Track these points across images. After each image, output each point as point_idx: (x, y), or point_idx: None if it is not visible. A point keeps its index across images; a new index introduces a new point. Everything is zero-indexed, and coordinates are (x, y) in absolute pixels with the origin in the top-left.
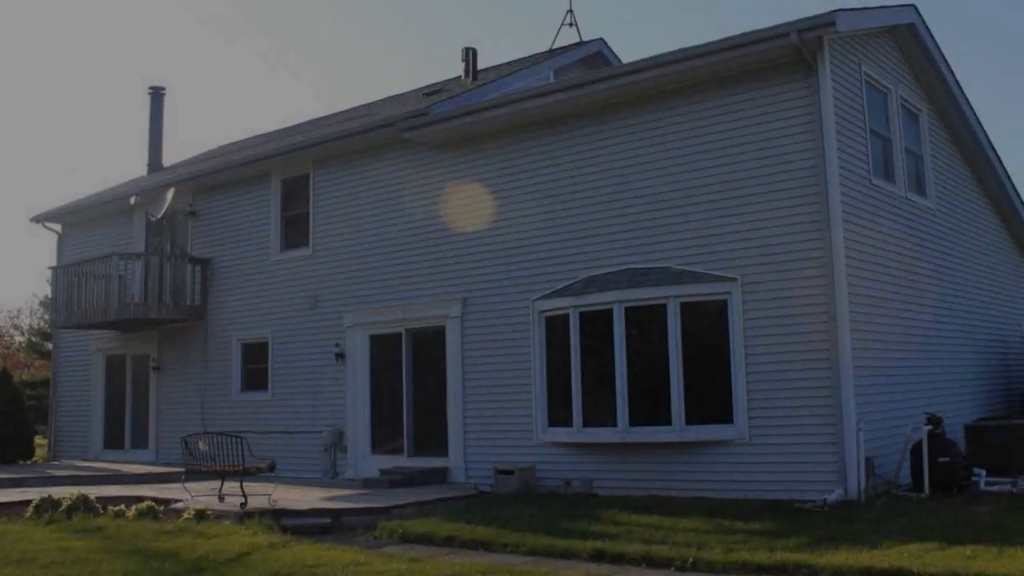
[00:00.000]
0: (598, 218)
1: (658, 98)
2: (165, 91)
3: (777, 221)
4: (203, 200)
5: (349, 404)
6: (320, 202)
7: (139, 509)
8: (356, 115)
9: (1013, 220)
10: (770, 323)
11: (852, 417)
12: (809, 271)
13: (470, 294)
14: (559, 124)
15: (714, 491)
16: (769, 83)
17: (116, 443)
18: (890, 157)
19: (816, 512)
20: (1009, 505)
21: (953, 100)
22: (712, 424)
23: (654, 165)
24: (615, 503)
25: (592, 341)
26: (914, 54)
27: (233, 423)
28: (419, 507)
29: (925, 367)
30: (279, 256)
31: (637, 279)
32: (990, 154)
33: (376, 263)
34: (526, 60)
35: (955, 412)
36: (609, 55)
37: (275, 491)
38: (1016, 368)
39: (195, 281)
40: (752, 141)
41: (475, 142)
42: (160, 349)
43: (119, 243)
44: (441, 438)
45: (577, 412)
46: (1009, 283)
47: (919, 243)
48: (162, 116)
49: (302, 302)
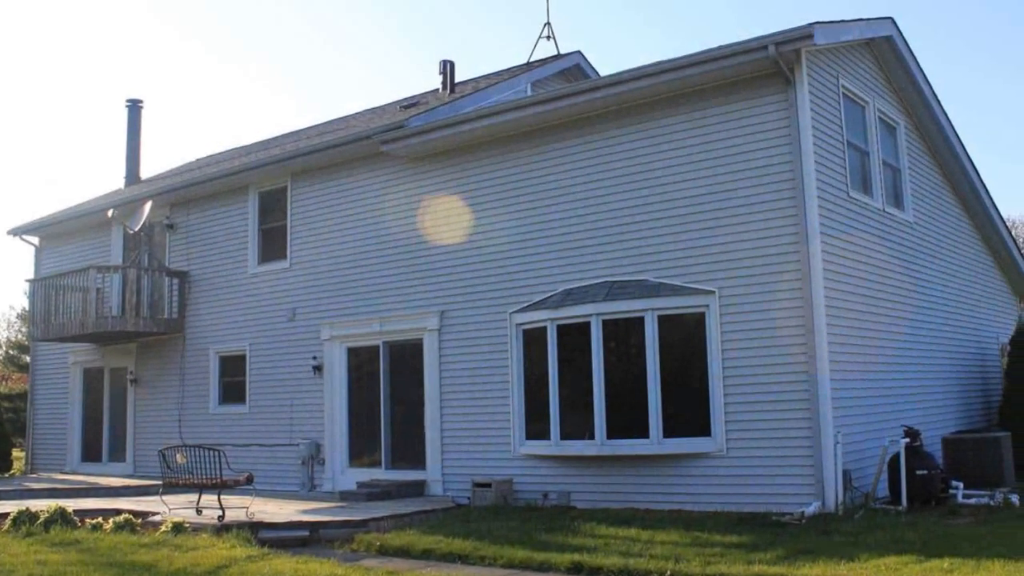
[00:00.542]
0: (576, 231)
1: (636, 111)
2: (143, 104)
3: (755, 234)
4: (181, 213)
5: (327, 417)
6: (297, 215)
7: (117, 522)
8: (334, 128)
9: (990, 232)
10: (748, 336)
11: (830, 430)
12: (786, 284)
13: (448, 307)
14: (537, 137)
15: (692, 504)
16: (747, 96)
17: (94, 456)
18: (867, 170)
19: (794, 525)
20: (987, 518)
21: (930, 113)
22: (690, 437)
23: (632, 178)
24: (593, 516)
25: (570, 354)
26: (892, 67)
27: (211, 436)
28: (397, 520)
29: (903, 380)
30: (257, 269)
31: (615, 292)
32: (967, 166)
33: (354, 276)
34: (504, 73)
35: (933, 425)
36: (587, 68)
37: (253, 504)
38: (994, 381)
39: (173, 294)
40: (730, 154)
41: (453, 155)
42: (138, 362)
43: (97, 256)
44: (419, 451)
45: (555, 425)
46: (987, 295)
47: (897, 256)
48: (140, 129)
49: (280, 315)
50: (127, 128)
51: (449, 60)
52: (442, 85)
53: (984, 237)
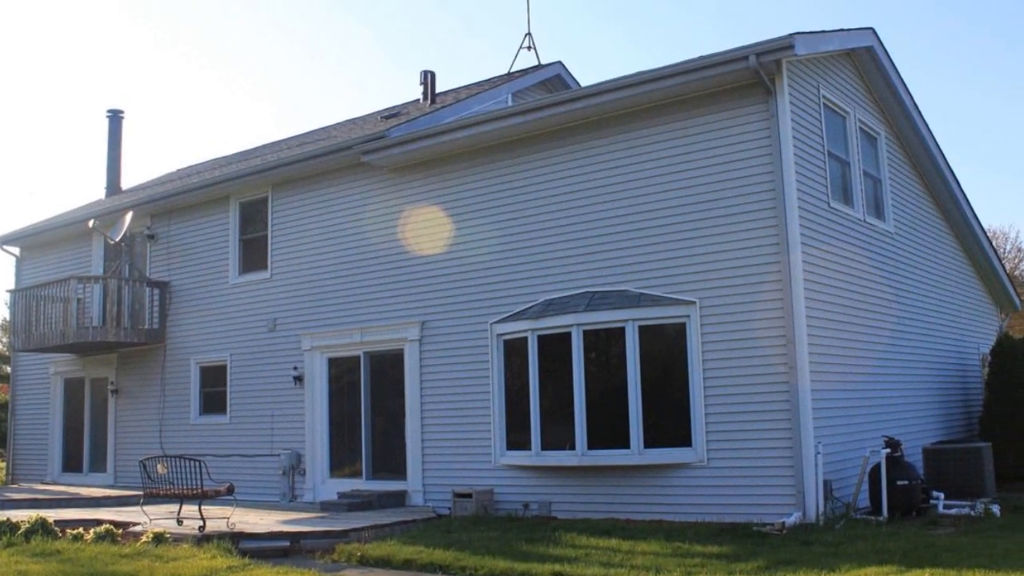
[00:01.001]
0: (556, 241)
1: (616, 121)
2: (124, 115)
3: (735, 244)
4: (161, 223)
5: (307, 427)
6: (278, 225)
7: (97, 532)
8: (314, 138)
9: (971, 243)
10: (728, 346)
11: (810, 440)
12: (767, 294)
13: (428, 317)
14: (517, 147)
15: (673, 514)
16: (727, 106)
17: (75, 466)
18: (848, 180)
19: (774, 535)
20: (967, 528)
21: (911, 123)
22: (671, 447)
23: (612, 188)
24: (574, 526)
25: (551, 364)
26: (873, 77)
27: (192, 446)
28: (377, 530)
29: (884, 390)
30: (237, 279)
31: (595, 302)
32: (948, 177)
33: (334, 286)
34: (484, 83)
35: (914, 435)
36: (568, 78)
37: (233, 514)
38: (975, 391)
39: (153, 304)
40: (710, 164)
41: (433, 165)
42: (118, 372)
43: (78, 266)
44: (400, 461)
45: (536, 435)
46: (967, 306)
47: (877, 266)
48: (121, 140)
49: (261, 325)
50: (108, 138)
51: (430, 70)
52: (423, 95)
53: (965, 247)
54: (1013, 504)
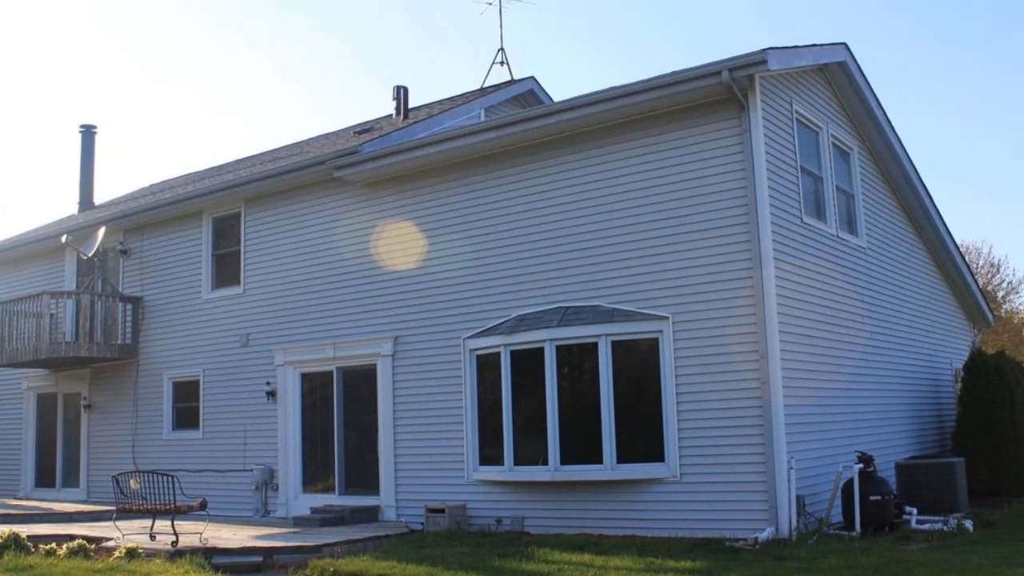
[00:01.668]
0: (529, 256)
1: (589, 137)
2: (96, 130)
3: (708, 259)
4: (134, 238)
5: (280, 442)
6: (251, 240)
7: (71, 547)
8: (287, 154)
9: (944, 258)
10: (701, 361)
11: (783, 455)
12: (740, 309)
13: (401, 332)
14: (490, 162)
15: (646, 529)
16: (700, 121)
17: (48, 481)
18: (821, 195)
19: (747, 550)
20: (940, 544)
21: (884, 138)
22: (643, 462)
23: (585, 203)
24: (547, 541)
25: (523, 379)
26: (845, 92)
27: (165, 461)
28: (350, 545)
29: (856, 405)
30: (210, 294)
31: (568, 317)
32: (921, 192)
33: (307, 301)
34: (457, 98)
35: (886, 450)
36: (540, 93)
37: (206, 529)
38: (947, 406)
39: (126, 320)
40: (683, 179)
41: (406, 181)
42: (91, 387)
43: (50, 281)
44: (372, 476)
45: (508, 450)
46: (941, 321)
47: (850, 281)
48: (93, 154)
49: (233, 340)
50: (80, 153)
51: (403, 86)
52: (396, 111)
53: (938, 262)
54: (986, 519)
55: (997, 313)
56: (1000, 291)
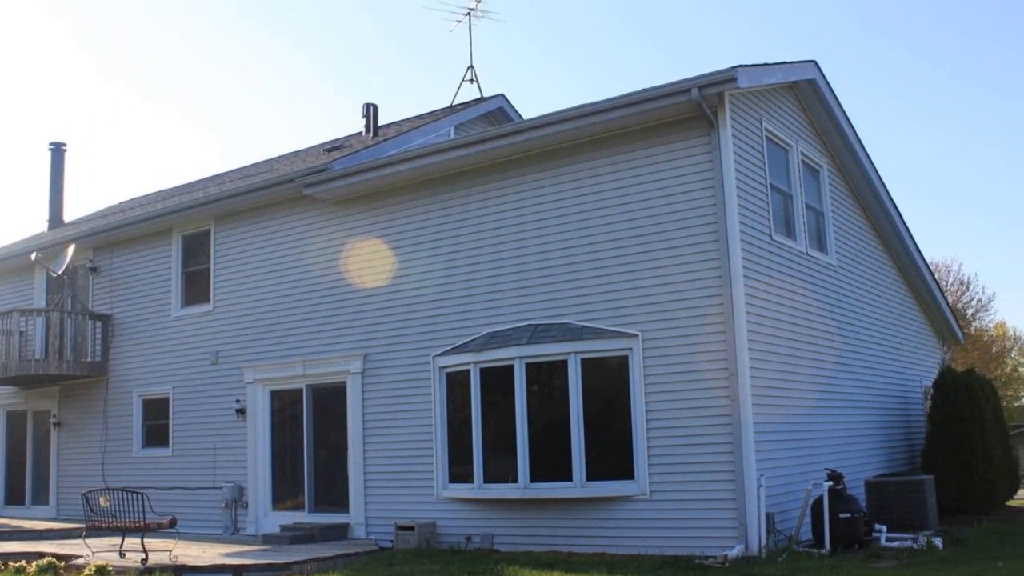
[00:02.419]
0: (499, 274)
1: (559, 154)
2: (66, 147)
3: (678, 277)
4: (104, 256)
5: (250, 460)
6: (221, 258)
7: (40, 565)
8: (257, 171)
9: (913, 275)
10: (671, 379)
11: (752, 472)
12: (709, 327)
13: (371, 350)
14: (460, 180)
15: (615, 547)
16: (670, 139)
17: (17, 499)
18: (791, 213)
19: (717, 568)
20: (910, 561)
21: (853, 156)
22: (613, 480)
23: (555, 221)
24: (516, 559)
25: (493, 397)
26: (815, 110)
27: (134, 479)
28: (320, 563)
29: (826, 423)
30: (180, 312)
31: (538, 335)
32: (890, 209)
33: (277, 319)
34: (427, 116)
35: (856, 468)
36: (510, 111)
37: (176, 547)
38: (917, 424)
39: (96, 337)
40: (653, 197)
41: (376, 198)
42: (61, 405)
43: (19, 299)
44: (342, 494)
45: (478, 468)
46: (910, 338)
47: (820, 299)
48: (63, 172)
49: (203, 358)
50: (50, 171)
51: (372, 103)
52: (365, 128)
53: (907, 280)
54: (955, 537)
55: (967, 331)
56: (970, 308)
